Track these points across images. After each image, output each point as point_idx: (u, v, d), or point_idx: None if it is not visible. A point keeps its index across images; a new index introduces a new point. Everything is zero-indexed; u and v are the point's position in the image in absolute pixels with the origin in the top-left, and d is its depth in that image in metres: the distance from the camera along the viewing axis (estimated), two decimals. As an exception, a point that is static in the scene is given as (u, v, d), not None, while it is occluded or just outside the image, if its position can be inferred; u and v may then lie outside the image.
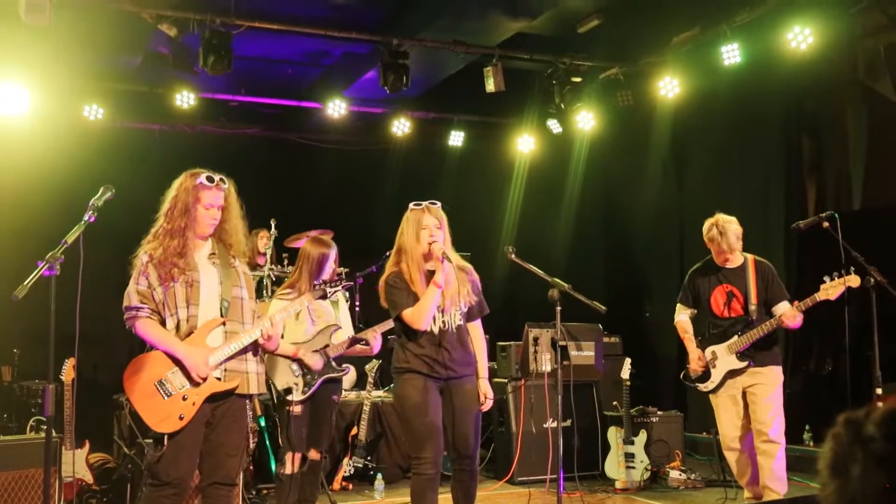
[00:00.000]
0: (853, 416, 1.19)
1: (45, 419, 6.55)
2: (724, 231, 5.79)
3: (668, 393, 9.32)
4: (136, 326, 4.08)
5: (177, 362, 4.04)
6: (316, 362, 5.59)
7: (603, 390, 8.02)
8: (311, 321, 5.73)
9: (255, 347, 4.26)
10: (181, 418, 4.01)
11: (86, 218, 4.03)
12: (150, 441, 4.09)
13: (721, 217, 5.89)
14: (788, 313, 5.59)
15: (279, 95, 9.97)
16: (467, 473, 4.75)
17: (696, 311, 6.09)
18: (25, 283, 3.75)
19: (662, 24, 8.56)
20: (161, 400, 4.02)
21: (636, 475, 7.25)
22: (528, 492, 6.68)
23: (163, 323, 4.10)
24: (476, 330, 4.99)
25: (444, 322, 4.74)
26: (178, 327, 4.08)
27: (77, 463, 6.26)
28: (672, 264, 9.73)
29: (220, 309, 4.17)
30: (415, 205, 4.85)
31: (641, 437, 7.37)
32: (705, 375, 5.92)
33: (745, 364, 5.72)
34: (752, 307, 5.76)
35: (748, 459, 5.79)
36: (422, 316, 4.66)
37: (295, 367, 5.60)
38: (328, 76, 10.08)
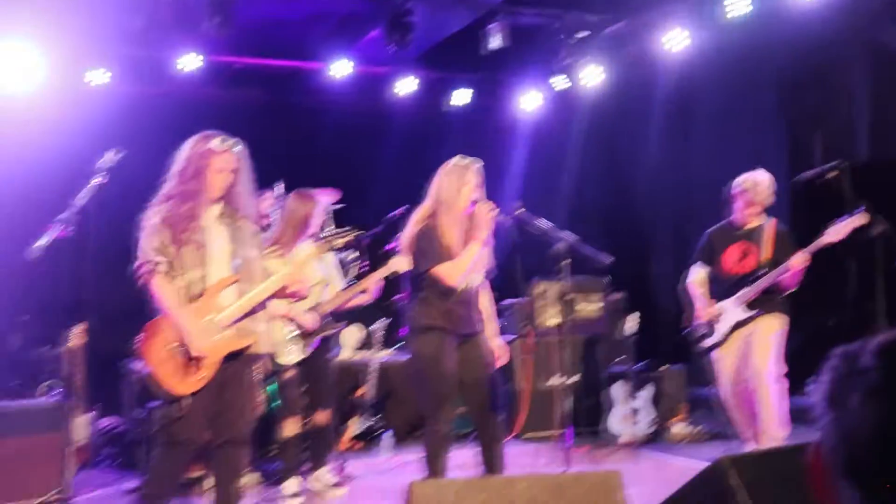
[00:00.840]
0: (850, 349, 1.18)
1: (58, 381, 6.66)
2: (759, 181, 5.77)
3: (672, 348, 9.37)
4: (153, 282, 4.07)
5: (179, 330, 4.07)
6: (310, 321, 5.55)
7: (607, 346, 8.05)
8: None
9: (263, 306, 4.30)
10: (200, 379, 4.06)
11: (96, 180, 4.06)
12: (165, 403, 4.13)
13: (761, 172, 5.84)
14: (797, 256, 5.55)
15: (282, 57, 9.92)
16: (492, 426, 4.76)
17: (708, 271, 6.07)
18: (40, 242, 3.78)
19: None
20: (178, 361, 4.06)
21: (641, 429, 7.32)
22: (536, 447, 6.76)
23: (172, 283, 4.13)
24: (485, 290, 4.99)
25: (469, 280, 4.75)
26: (189, 288, 4.12)
27: (87, 428, 6.34)
28: (676, 221, 9.75)
29: (232, 268, 4.20)
30: (459, 159, 4.79)
31: (646, 392, 7.43)
32: (710, 332, 5.92)
33: (752, 313, 5.73)
34: (764, 261, 5.75)
35: (750, 412, 5.81)
36: (459, 272, 4.60)
37: (286, 328, 5.55)
38: (331, 36, 10.01)
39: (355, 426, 7.32)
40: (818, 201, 7.85)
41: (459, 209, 4.70)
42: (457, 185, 4.71)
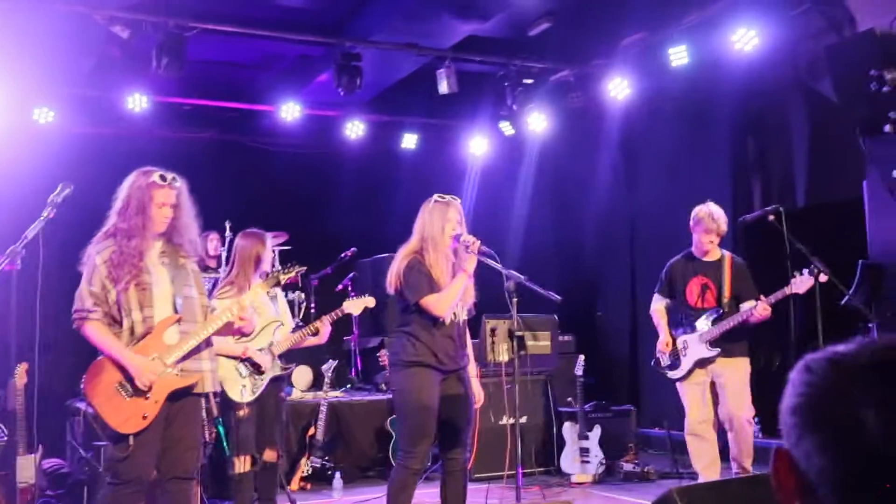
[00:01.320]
0: (833, 358, 1.06)
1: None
2: (714, 213, 5.95)
3: (620, 390, 9.49)
4: (85, 328, 4.07)
5: (122, 370, 4.04)
6: (265, 362, 5.57)
7: (557, 387, 8.14)
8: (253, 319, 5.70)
9: (208, 344, 4.30)
10: (145, 417, 4.04)
11: (45, 213, 4.04)
12: (111, 442, 4.10)
13: (713, 204, 6.04)
14: (759, 307, 5.73)
15: (232, 99, 9.96)
16: (460, 463, 4.82)
17: (671, 301, 6.25)
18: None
19: (612, 27, 8.71)
20: (123, 400, 4.04)
21: (591, 469, 7.37)
22: (487, 487, 6.75)
23: (118, 323, 4.10)
24: (466, 327, 5.06)
25: (455, 314, 4.80)
26: (132, 329, 4.09)
27: (30, 468, 6.20)
28: (623, 264, 9.91)
29: (174, 307, 4.19)
30: (439, 197, 4.89)
31: (595, 432, 7.50)
32: (675, 363, 6.06)
33: (714, 353, 5.90)
34: (725, 300, 5.96)
35: (709, 445, 5.97)
36: (447, 303, 4.67)
37: (242, 367, 5.54)
38: (282, 79, 10.08)
39: (305, 466, 7.26)
40: (760, 243, 8.10)
41: (445, 245, 4.79)
42: (440, 222, 4.80)
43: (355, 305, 6.10)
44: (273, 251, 5.89)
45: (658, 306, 6.31)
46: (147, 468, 4.09)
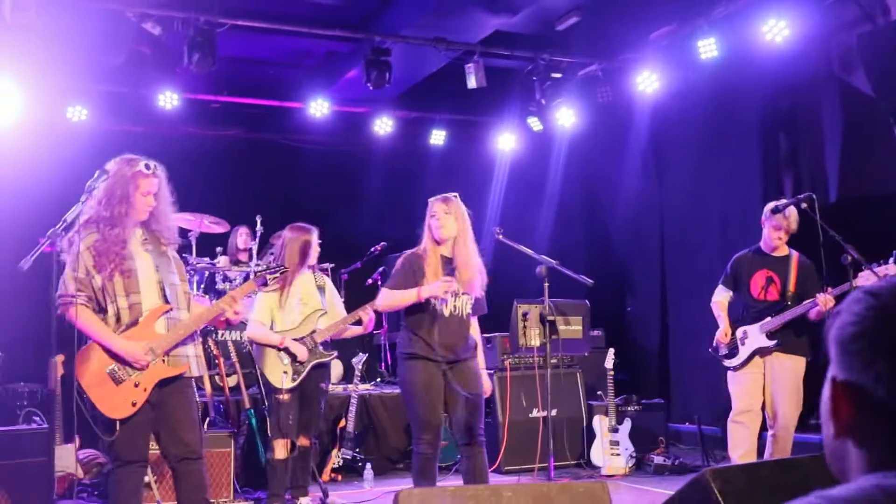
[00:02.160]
0: (871, 286, 1.11)
1: (36, 411, 6.60)
2: (786, 213, 5.92)
3: (650, 385, 9.45)
4: (70, 313, 4.10)
5: (112, 356, 4.11)
6: (302, 352, 5.66)
7: (587, 381, 8.12)
8: (291, 309, 5.80)
9: (194, 332, 4.37)
10: (133, 404, 4.13)
11: (82, 199, 4.11)
12: (98, 426, 4.19)
13: (784, 200, 6.04)
14: (822, 298, 5.66)
15: (261, 96, 10.02)
16: (476, 449, 4.97)
17: (733, 294, 6.22)
18: (29, 256, 3.81)
19: (640, 20, 8.68)
20: (113, 387, 4.12)
21: (621, 462, 7.35)
22: (517, 479, 6.76)
23: (103, 311, 4.16)
24: (474, 326, 5.22)
25: (455, 307, 4.93)
26: (118, 315, 4.16)
27: (68, 457, 6.27)
28: (652, 259, 9.88)
29: (161, 295, 4.25)
30: (434, 196, 5.14)
31: (626, 426, 7.48)
32: (733, 352, 6.04)
33: (772, 343, 5.85)
34: (790, 293, 5.91)
35: (749, 434, 5.92)
36: (388, 304, 5.07)
37: (283, 354, 5.68)
38: (310, 76, 10.14)
39: (336, 458, 7.29)
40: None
41: (430, 242, 5.06)
42: (427, 221, 5.09)
43: None
44: (317, 245, 5.99)
45: (720, 298, 6.27)
46: (142, 448, 4.24)
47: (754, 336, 5.96)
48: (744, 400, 5.96)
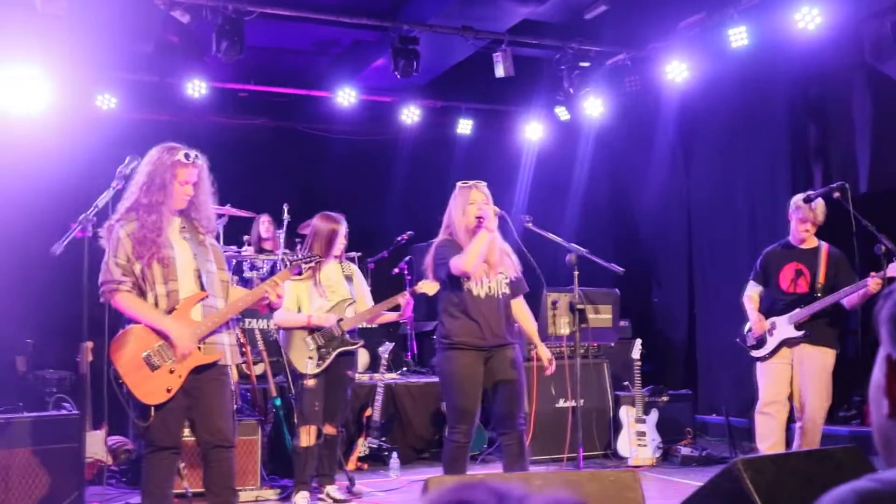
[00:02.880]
0: None
1: (65, 397, 6.66)
2: (812, 204, 5.87)
3: (677, 376, 9.41)
4: (117, 299, 4.15)
5: (162, 336, 4.14)
6: (329, 320, 5.68)
7: (613, 372, 8.09)
8: (318, 296, 5.82)
9: (229, 320, 4.39)
10: (168, 391, 4.15)
11: (114, 184, 4.14)
12: (134, 412, 4.23)
13: (812, 192, 5.98)
14: (872, 283, 5.51)
15: (288, 85, 10.03)
16: (516, 437, 4.93)
17: (762, 289, 6.17)
18: (61, 241, 3.84)
19: (669, 9, 8.61)
20: (148, 373, 4.14)
21: (648, 452, 7.32)
22: (545, 469, 6.75)
23: (143, 297, 4.19)
24: (520, 304, 5.18)
25: (489, 288, 4.87)
26: (156, 303, 4.18)
27: (96, 444, 6.33)
28: (679, 250, 9.82)
29: (198, 282, 4.27)
30: (462, 183, 5.05)
31: (652, 416, 7.45)
32: (760, 343, 5.99)
33: (800, 334, 5.79)
34: (819, 285, 5.84)
35: (777, 425, 5.87)
36: (473, 256, 4.76)
37: (309, 340, 5.69)
38: (337, 65, 10.14)
39: (362, 447, 7.31)
40: (825, 221, 7.95)
41: (468, 227, 4.93)
42: (461, 206, 4.97)
43: (431, 286, 6.17)
44: (345, 236, 6.01)
45: (751, 293, 6.21)
46: (176, 434, 4.25)
47: (782, 327, 5.91)
48: (770, 391, 5.92)
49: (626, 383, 7.90)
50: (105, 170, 4.82)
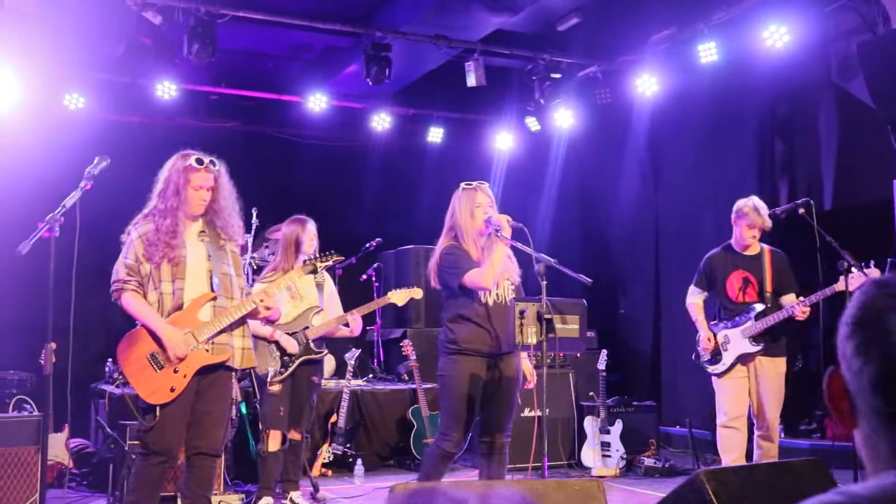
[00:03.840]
0: (880, 278, 1.22)
1: (26, 398, 6.59)
2: (759, 207, 5.90)
3: (642, 387, 9.48)
4: (122, 299, 4.19)
5: (156, 339, 4.14)
6: (291, 346, 5.67)
7: (579, 382, 8.14)
8: (289, 301, 5.80)
9: (241, 323, 4.34)
10: (172, 390, 4.13)
11: (82, 185, 4.13)
12: (139, 412, 4.20)
13: (756, 198, 6.01)
14: (798, 310, 5.65)
15: (260, 89, 10.00)
16: (499, 448, 4.89)
17: (706, 295, 6.21)
18: (27, 241, 3.81)
19: (640, 23, 8.69)
20: (153, 372, 4.13)
21: (612, 463, 7.36)
22: (510, 479, 6.75)
23: (144, 296, 4.20)
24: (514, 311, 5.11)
25: (497, 295, 4.84)
26: (160, 301, 4.18)
27: (58, 446, 6.26)
28: (647, 262, 9.89)
29: (210, 284, 4.25)
30: (466, 184, 4.95)
31: (617, 427, 7.49)
32: (716, 358, 6.02)
33: (758, 348, 5.82)
34: (767, 294, 5.90)
35: (741, 438, 5.91)
36: (491, 273, 4.68)
37: (273, 347, 5.69)
38: (309, 70, 10.13)
39: (327, 453, 7.29)
40: (787, 240, 8.05)
41: (476, 231, 4.85)
42: (468, 208, 4.87)
43: (400, 296, 6.18)
44: (315, 237, 5.97)
45: (696, 300, 6.23)
46: (173, 440, 4.19)
47: (737, 341, 5.93)
48: (735, 406, 5.95)
49: (591, 394, 7.94)
50: (73, 170, 4.78)
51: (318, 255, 4.85)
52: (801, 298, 5.75)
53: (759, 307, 5.88)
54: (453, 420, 4.77)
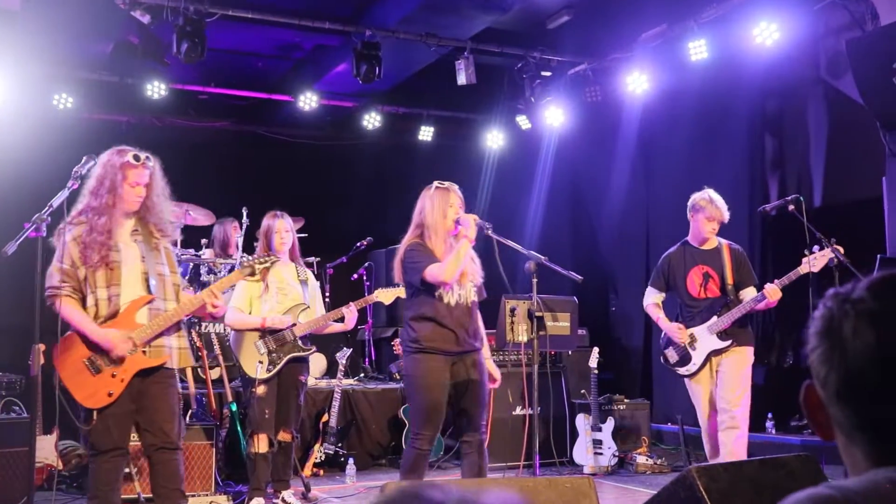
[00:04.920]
0: (841, 288, 1.24)
1: (15, 401, 6.55)
2: (714, 199, 5.87)
3: (634, 384, 9.47)
4: (57, 305, 4.17)
5: (94, 345, 4.15)
6: (283, 321, 5.66)
7: (570, 379, 8.14)
8: (270, 297, 5.78)
9: (178, 323, 4.38)
10: (110, 395, 4.16)
11: (69, 185, 4.10)
12: (77, 416, 4.25)
13: (711, 190, 5.97)
14: (770, 289, 5.63)
15: (249, 88, 9.97)
16: (478, 444, 4.85)
17: (665, 295, 6.18)
18: (13, 241, 3.79)
19: (631, 21, 8.69)
20: (90, 376, 4.15)
21: (604, 461, 7.36)
22: (502, 476, 6.74)
23: (84, 300, 4.20)
24: (476, 310, 5.07)
25: (459, 296, 4.82)
26: (97, 307, 4.19)
27: (47, 448, 6.23)
28: (638, 260, 9.88)
29: (145, 286, 4.27)
30: (439, 183, 4.95)
31: (609, 425, 7.49)
32: (685, 359, 5.97)
33: (727, 343, 5.78)
34: (729, 287, 5.85)
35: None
36: (453, 268, 4.66)
37: (260, 344, 5.64)
38: (299, 69, 10.10)
39: (318, 453, 7.27)
40: (777, 237, 8.08)
41: (446, 231, 4.83)
42: (441, 207, 4.84)
43: (387, 294, 6.17)
44: (289, 233, 5.95)
45: (655, 300, 6.17)
46: (120, 438, 4.23)
47: (704, 338, 5.87)
48: (707, 405, 5.91)
49: (583, 391, 7.94)
50: (61, 170, 4.76)
51: (258, 257, 4.80)
52: (775, 280, 5.69)
53: (720, 305, 5.84)
54: (423, 418, 4.77)
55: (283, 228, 5.87)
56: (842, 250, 5.49)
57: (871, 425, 1.18)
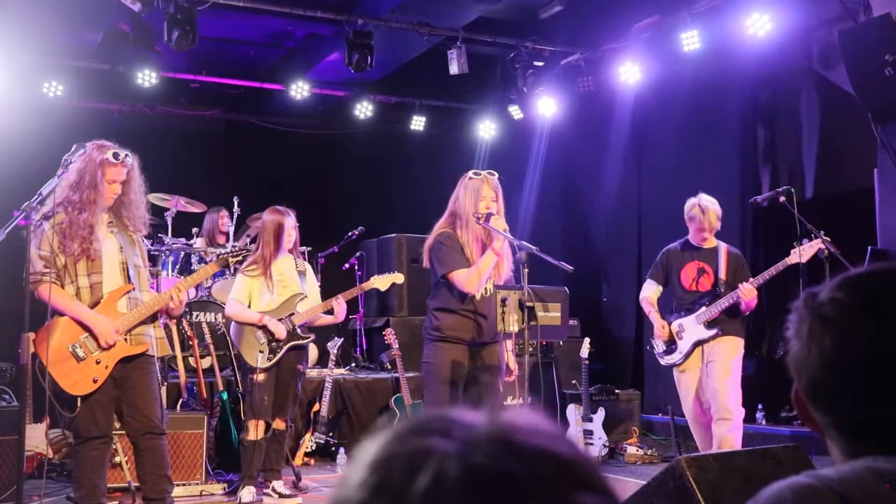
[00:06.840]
0: (814, 288, 1.25)
1: (5, 389, 6.53)
2: (706, 209, 5.90)
3: (625, 375, 9.49)
4: (41, 291, 4.19)
5: (86, 328, 4.20)
6: (280, 330, 5.67)
7: (562, 370, 8.15)
8: (270, 291, 5.79)
9: (154, 314, 4.47)
10: (95, 381, 4.22)
11: (59, 173, 4.11)
12: (58, 402, 4.25)
13: (703, 196, 6.01)
14: (745, 289, 5.66)
15: (241, 77, 9.93)
16: None
17: (662, 289, 6.20)
18: (2, 229, 3.79)
19: (623, 11, 8.68)
20: (74, 364, 4.21)
21: (594, 451, 7.38)
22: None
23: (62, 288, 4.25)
24: None
25: (486, 290, 4.86)
26: (78, 294, 4.24)
27: (37, 437, 6.21)
28: (629, 250, 9.90)
29: (125, 276, 4.35)
30: (474, 173, 4.94)
31: (599, 415, 7.51)
32: (671, 348, 6.00)
33: (712, 332, 5.80)
34: (722, 282, 5.88)
35: (708, 429, 5.90)
36: (476, 280, 4.74)
37: (260, 334, 5.66)
38: (290, 58, 10.07)
39: (309, 442, 7.27)
40: (768, 230, 8.09)
41: (475, 222, 4.84)
42: (472, 198, 4.85)
43: (383, 281, 6.20)
44: (295, 230, 5.97)
45: (650, 294, 6.19)
46: (104, 424, 4.30)
47: (692, 328, 5.90)
48: (694, 396, 5.93)
49: (574, 382, 7.96)
50: (52, 157, 4.74)
51: (230, 251, 4.90)
52: (749, 279, 5.73)
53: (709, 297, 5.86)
54: (437, 406, 4.78)
55: (291, 226, 5.90)
56: (831, 241, 5.51)
57: (840, 425, 1.19)
